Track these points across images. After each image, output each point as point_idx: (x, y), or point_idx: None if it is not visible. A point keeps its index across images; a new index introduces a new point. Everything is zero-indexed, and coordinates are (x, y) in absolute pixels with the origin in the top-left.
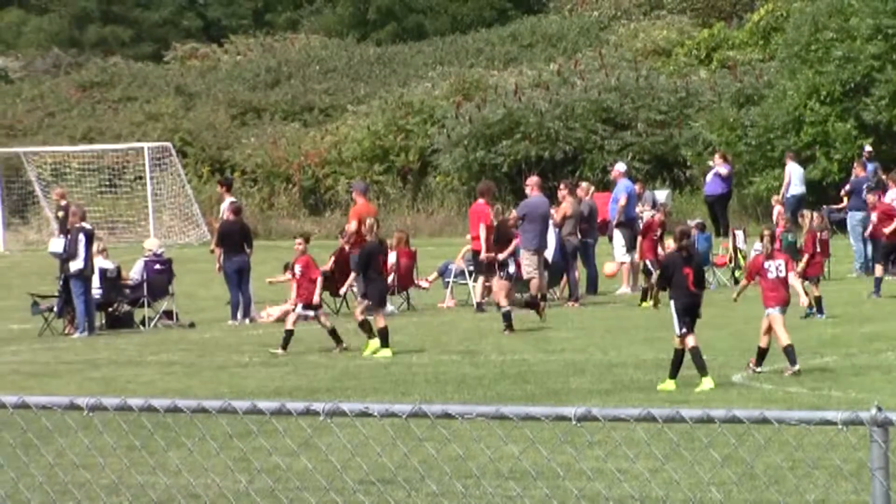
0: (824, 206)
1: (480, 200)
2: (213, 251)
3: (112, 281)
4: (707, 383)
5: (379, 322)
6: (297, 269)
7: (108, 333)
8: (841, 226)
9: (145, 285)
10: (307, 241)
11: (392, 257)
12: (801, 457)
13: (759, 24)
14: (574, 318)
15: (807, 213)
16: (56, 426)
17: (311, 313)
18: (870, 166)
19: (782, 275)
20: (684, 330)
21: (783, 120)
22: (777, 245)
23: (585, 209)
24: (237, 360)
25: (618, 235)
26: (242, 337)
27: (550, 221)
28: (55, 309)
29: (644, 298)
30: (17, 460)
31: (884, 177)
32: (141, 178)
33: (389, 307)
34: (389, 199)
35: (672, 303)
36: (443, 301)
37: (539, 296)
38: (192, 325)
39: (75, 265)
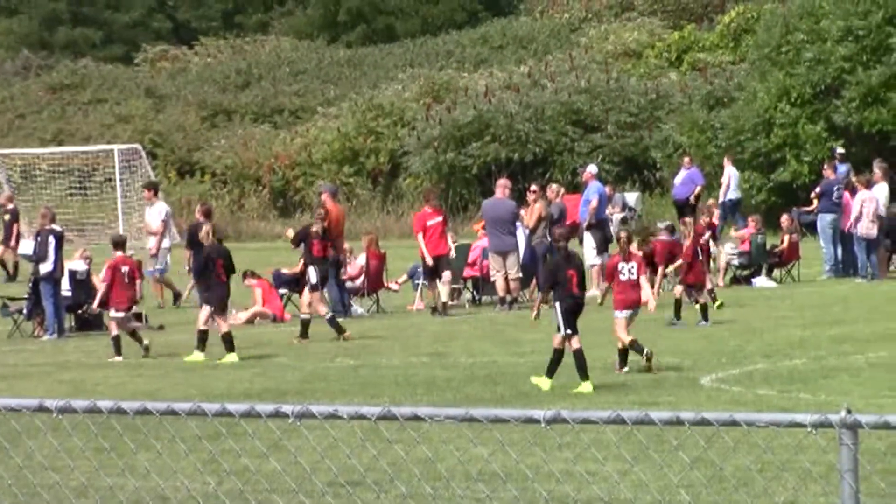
0: (794, 209)
1: (426, 207)
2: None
3: (82, 283)
4: (587, 387)
5: (221, 328)
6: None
7: (78, 335)
8: (811, 228)
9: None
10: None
11: (362, 259)
12: (771, 459)
13: (730, 27)
14: (543, 320)
15: (688, 220)
16: (25, 428)
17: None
18: (842, 168)
19: (633, 277)
20: (569, 331)
21: (753, 122)
22: (747, 247)
23: (556, 211)
24: (207, 362)
25: (588, 238)
26: (212, 339)
27: (519, 224)
28: (24, 311)
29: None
30: None
31: (853, 179)
32: (111, 180)
33: (359, 309)
34: (360, 200)
35: (556, 304)
36: (412, 303)
37: (507, 297)
38: (161, 327)
39: (45, 267)
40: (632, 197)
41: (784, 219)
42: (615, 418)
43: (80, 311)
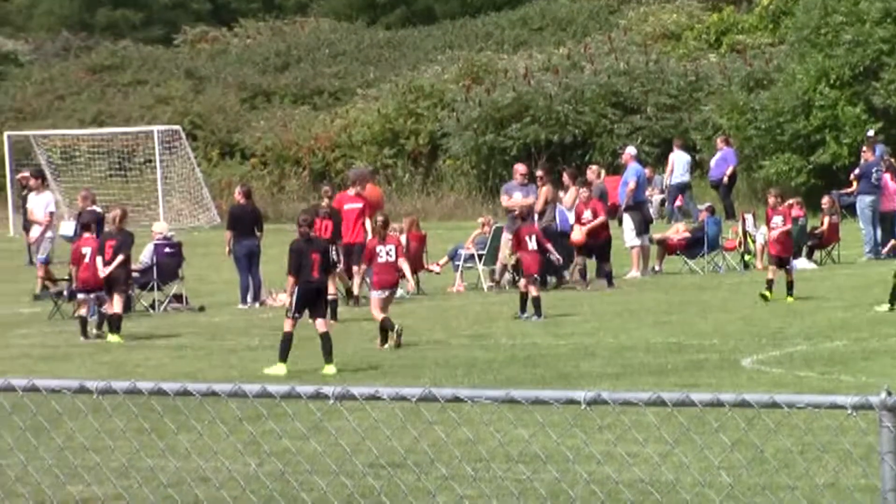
0: (834, 191)
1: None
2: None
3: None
4: (330, 369)
5: (109, 309)
6: None
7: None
8: (851, 210)
9: (155, 269)
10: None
11: (402, 240)
12: (811, 441)
13: (769, 8)
14: (585, 302)
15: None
16: (66, 409)
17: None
18: (878, 149)
19: (392, 259)
20: (296, 314)
21: (792, 104)
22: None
23: (596, 193)
24: (247, 343)
25: (627, 219)
26: (252, 320)
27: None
28: (65, 292)
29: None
30: (27, 443)
31: (893, 160)
32: (151, 161)
33: (399, 291)
34: (400, 182)
35: (297, 288)
36: (452, 285)
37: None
38: (201, 308)
39: None
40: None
41: (824, 201)
42: (656, 400)
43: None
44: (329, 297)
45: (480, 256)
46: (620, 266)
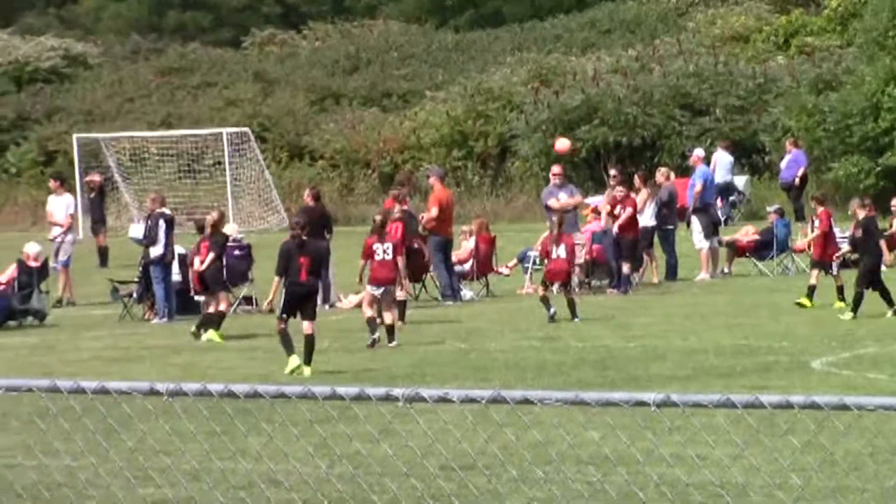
0: None
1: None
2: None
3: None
4: (307, 371)
5: (213, 308)
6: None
7: (188, 319)
8: None
9: (225, 271)
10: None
11: (472, 243)
12: (882, 444)
13: (837, 11)
14: (655, 304)
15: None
16: (136, 412)
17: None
18: None
19: (388, 257)
20: (284, 315)
21: (861, 106)
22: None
23: (665, 195)
24: (317, 345)
25: (695, 222)
26: (322, 323)
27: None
28: (135, 295)
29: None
30: (98, 446)
31: None
32: (220, 163)
33: (468, 293)
34: (469, 184)
35: (285, 289)
36: (522, 287)
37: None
38: (272, 310)
39: (155, 251)
40: (740, 181)
41: (893, 203)
42: (725, 402)
43: (189, 295)
44: (399, 298)
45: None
46: (690, 269)
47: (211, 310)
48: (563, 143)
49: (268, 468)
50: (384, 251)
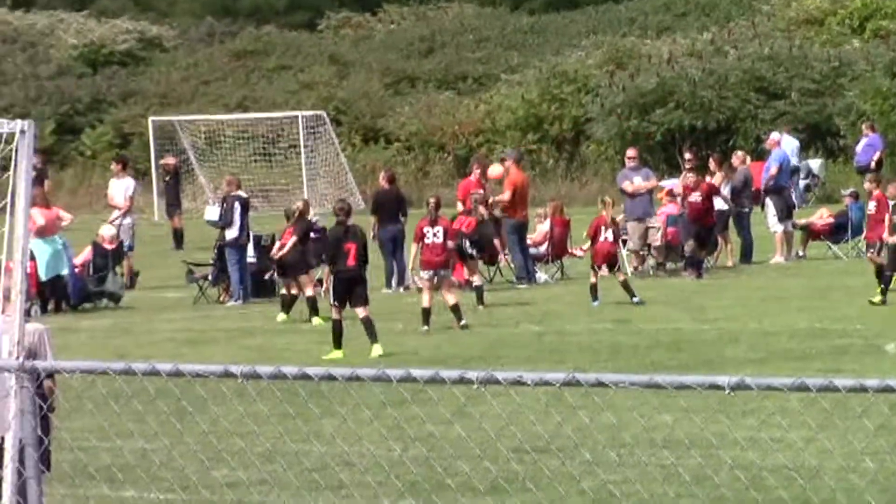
0: None
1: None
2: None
3: (267, 249)
4: (377, 349)
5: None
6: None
7: (263, 301)
8: None
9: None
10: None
11: (546, 225)
12: None
13: None
14: (729, 288)
15: (607, 199)
16: (211, 394)
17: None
18: None
19: (438, 240)
20: (336, 303)
21: None
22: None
23: (740, 178)
24: (391, 328)
25: (769, 205)
26: (397, 305)
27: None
28: (210, 277)
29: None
30: (172, 428)
31: None
32: (295, 146)
33: (543, 276)
34: (544, 168)
35: (333, 277)
36: None
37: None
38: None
39: (230, 234)
40: (815, 164)
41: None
42: (799, 385)
43: (265, 277)
44: (475, 284)
45: (624, 241)
46: (764, 252)
47: (286, 292)
48: (495, 170)
49: (341, 450)
50: (434, 234)
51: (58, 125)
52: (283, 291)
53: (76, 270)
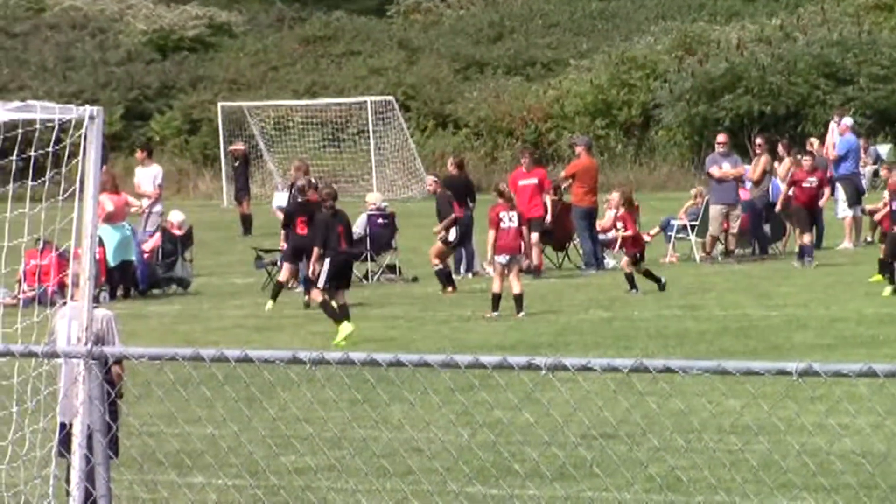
0: None
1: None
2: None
3: None
4: (345, 328)
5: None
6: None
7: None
8: None
9: (368, 239)
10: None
11: (615, 212)
12: None
13: None
14: (796, 274)
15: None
16: (279, 380)
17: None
18: None
19: (514, 225)
20: (326, 286)
21: None
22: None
23: (819, 164)
24: (459, 314)
25: (839, 190)
26: (465, 291)
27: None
28: (278, 263)
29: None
30: (240, 414)
31: None
32: (364, 132)
33: (611, 262)
34: (612, 153)
35: (327, 261)
36: (665, 256)
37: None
38: (415, 279)
39: None
40: (884, 149)
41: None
42: (867, 371)
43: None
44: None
45: (693, 227)
46: (833, 238)
47: (281, 278)
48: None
49: (409, 436)
50: (509, 219)
51: (126, 111)
52: (281, 278)
53: (144, 256)
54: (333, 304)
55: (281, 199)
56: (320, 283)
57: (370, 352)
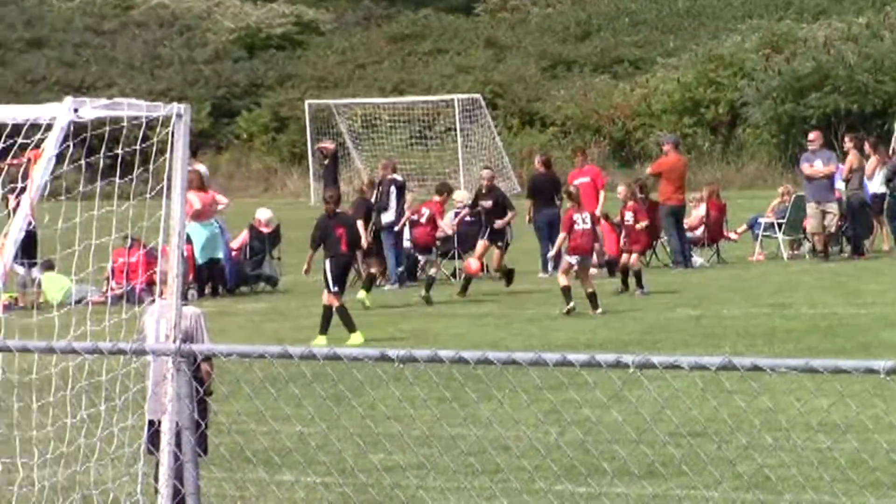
0: None
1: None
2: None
3: None
4: (356, 338)
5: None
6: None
7: (419, 285)
8: None
9: (456, 237)
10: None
11: (702, 209)
12: None
13: None
14: (886, 272)
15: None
16: (367, 378)
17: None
18: None
19: (587, 226)
20: (336, 288)
21: None
22: None
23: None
24: (548, 312)
25: None
26: (553, 290)
27: (838, 175)
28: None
29: None
30: (329, 412)
31: None
32: (451, 130)
33: (699, 260)
34: (700, 151)
35: (326, 262)
36: (752, 254)
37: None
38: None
39: (386, 217)
40: None
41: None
42: None
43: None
44: (634, 269)
45: (780, 225)
46: None
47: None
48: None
49: (498, 434)
50: (583, 220)
51: (214, 108)
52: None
53: (233, 254)
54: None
55: None
56: (329, 287)
57: (458, 350)
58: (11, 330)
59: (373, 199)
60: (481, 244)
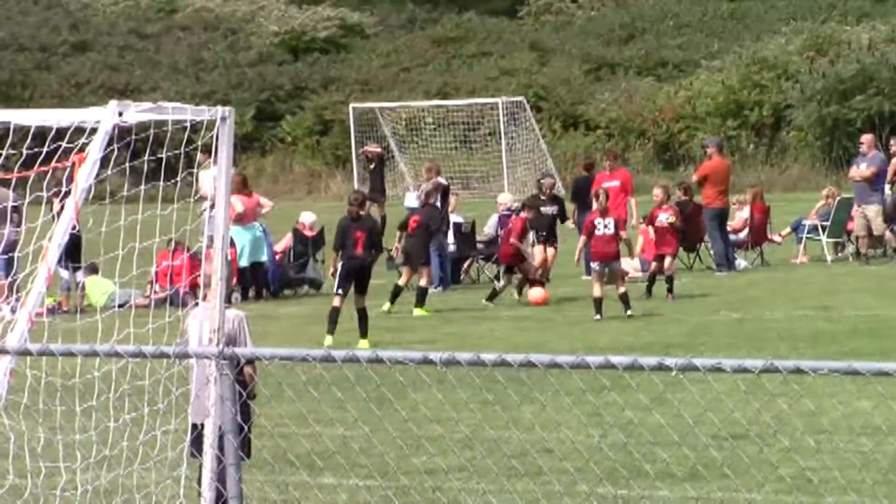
0: None
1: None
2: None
3: (466, 236)
4: (364, 343)
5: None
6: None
7: (463, 288)
8: None
9: (500, 240)
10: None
11: (746, 212)
12: None
13: None
14: None
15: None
16: (410, 381)
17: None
18: None
19: (609, 231)
20: (340, 291)
21: None
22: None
23: None
24: (590, 315)
25: None
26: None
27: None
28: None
29: None
30: (371, 414)
31: None
32: (495, 133)
33: (742, 262)
34: (744, 154)
35: (340, 264)
36: (796, 256)
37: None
38: (546, 280)
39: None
40: None
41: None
42: None
43: (465, 265)
44: (668, 273)
45: (824, 228)
46: None
47: (401, 282)
48: (536, 294)
49: (540, 437)
50: (605, 226)
51: (258, 112)
52: (399, 281)
53: (276, 257)
54: (338, 306)
55: (412, 199)
56: (335, 288)
57: (501, 353)
58: (55, 333)
59: (418, 203)
60: (539, 252)
